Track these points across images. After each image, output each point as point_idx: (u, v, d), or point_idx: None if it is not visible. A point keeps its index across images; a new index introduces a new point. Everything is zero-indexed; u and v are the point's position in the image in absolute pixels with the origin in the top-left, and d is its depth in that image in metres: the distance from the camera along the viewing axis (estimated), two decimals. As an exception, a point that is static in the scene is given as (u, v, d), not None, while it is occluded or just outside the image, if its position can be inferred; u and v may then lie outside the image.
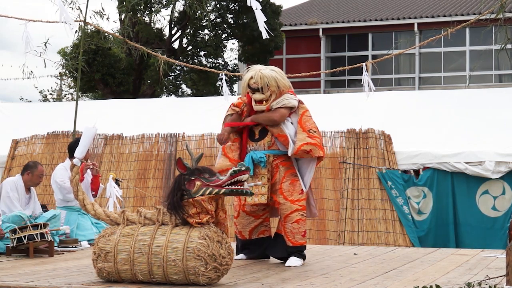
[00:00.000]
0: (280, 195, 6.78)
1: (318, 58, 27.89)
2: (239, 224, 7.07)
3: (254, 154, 6.79)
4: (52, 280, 5.76)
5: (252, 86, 6.80)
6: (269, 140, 6.85)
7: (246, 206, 6.94)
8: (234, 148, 6.93)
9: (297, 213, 6.76)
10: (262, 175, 6.75)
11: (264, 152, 6.82)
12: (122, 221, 5.72)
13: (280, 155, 6.86)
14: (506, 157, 10.16)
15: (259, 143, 6.86)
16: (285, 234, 6.80)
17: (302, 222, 6.79)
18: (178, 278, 5.44)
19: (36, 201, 8.59)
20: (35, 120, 12.86)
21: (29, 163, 8.62)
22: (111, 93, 22.62)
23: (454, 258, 7.29)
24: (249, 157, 6.78)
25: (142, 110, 13.11)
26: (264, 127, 6.86)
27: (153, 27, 23.54)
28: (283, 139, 6.78)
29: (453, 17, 25.04)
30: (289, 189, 6.79)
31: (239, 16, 23.78)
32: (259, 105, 6.83)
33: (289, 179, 6.81)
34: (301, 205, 6.79)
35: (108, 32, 13.81)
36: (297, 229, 6.77)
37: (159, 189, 11.34)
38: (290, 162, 6.88)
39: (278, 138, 6.82)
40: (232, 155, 6.89)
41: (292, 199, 6.77)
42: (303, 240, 6.84)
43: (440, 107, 11.69)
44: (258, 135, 6.87)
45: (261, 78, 6.76)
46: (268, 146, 6.85)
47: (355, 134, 10.98)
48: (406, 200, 10.50)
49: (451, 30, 9.52)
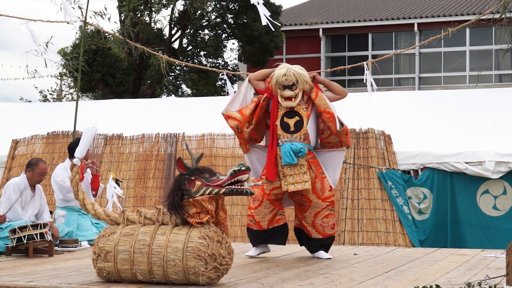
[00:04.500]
0: (313, 194, 7.15)
1: (318, 58, 27.90)
2: (259, 214, 7.25)
3: (294, 146, 7.06)
4: (52, 280, 5.76)
5: (284, 83, 7.08)
6: (304, 133, 7.13)
7: (272, 194, 7.19)
8: (250, 107, 7.17)
9: (327, 209, 7.21)
10: (301, 165, 7.07)
11: (302, 145, 7.10)
12: (122, 221, 5.72)
13: (310, 151, 7.21)
14: (506, 157, 10.16)
15: (295, 135, 7.13)
16: (314, 227, 7.21)
17: (331, 216, 7.25)
18: (178, 278, 5.44)
19: (43, 198, 8.52)
20: (35, 120, 12.86)
21: (31, 160, 8.55)
22: (111, 93, 22.61)
23: (454, 258, 7.29)
24: (289, 148, 7.04)
25: (142, 110, 13.10)
26: (300, 120, 7.10)
27: (153, 27, 23.53)
28: (329, 116, 7.09)
29: (453, 17, 25.04)
30: (320, 188, 7.18)
31: (239, 16, 23.77)
32: (288, 101, 7.08)
33: (320, 179, 7.19)
34: (330, 201, 7.23)
35: (108, 32, 13.80)
36: (327, 222, 7.23)
37: (159, 189, 11.34)
38: (317, 160, 7.26)
39: (324, 114, 7.10)
40: (246, 111, 7.16)
41: (324, 197, 7.18)
42: (333, 231, 7.32)
43: (440, 107, 11.69)
44: (294, 128, 7.13)
45: (294, 75, 7.09)
46: (304, 139, 7.15)
47: (355, 134, 10.98)
48: (406, 200, 10.50)
49: (452, 30, 9.51)
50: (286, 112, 7.14)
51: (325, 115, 7.11)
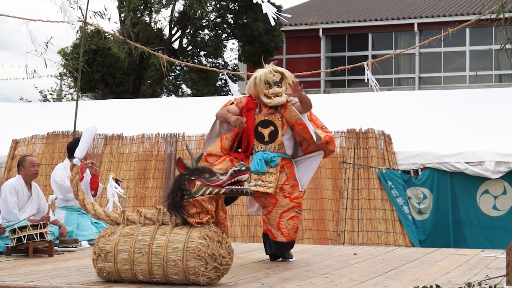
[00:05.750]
0: (280, 194, 6.98)
1: (318, 58, 27.90)
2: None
3: (266, 155, 6.96)
4: (52, 280, 5.76)
5: (272, 79, 6.98)
6: (279, 143, 7.03)
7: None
8: (229, 138, 7.11)
9: (293, 210, 6.98)
10: (270, 173, 6.95)
11: (275, 154, 7.00)
12: (122, 221, 5.72)
13: (286, 158, 7.08)
14: (506, 157, 10.16)
15: (269, 146, 7.04)
16: (279, 229, 6.97)
17: (296, 219, 7.02)
18: (178, 278, 5.44)
19: (40, 197, 8.53)
20: (35, 120, 12.85)
21: (19, 159, 8.61)
22: (111, 93, 22.61)
23: (454, 258, 7.29)
24: (261, 157, 6.94)
25: (142, 110, 13.09)
26: (274, 130, 7.01)
27: (153, 27, 23.54)
28: (302, 127, 6.95)
29: (453, 17, 25.04)
30: (289, 190, 7.02)
31: (239, 16, 23.78)
32: (278, 98, 6.97)
33: (291, 183, 7.03)
34: (298, 202, 7.02)
35: (108, 32, 13.80)
36: (292, 225, 6.98)
37: (159, 189, 11.34)
38: (293, 166, 7.11)
39: (296, 126, 6.98)
40: (225, 143, 7.09)
41: (292, 197, 6.99)
42: (295, 236, 7.10)
43: (440, 107, 11.69)
44: (268, 138, 7.03)
45: (279, 71, 7.02)
46: (278, 149, 7.04)
47: (355, 134, 10.98)
48: (406, 200, 10.50)
49: (452, 30, 9.51)
50: (260, 122, 7.03)
51: (297, 127, 7.00)
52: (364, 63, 9.73)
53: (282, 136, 7.03)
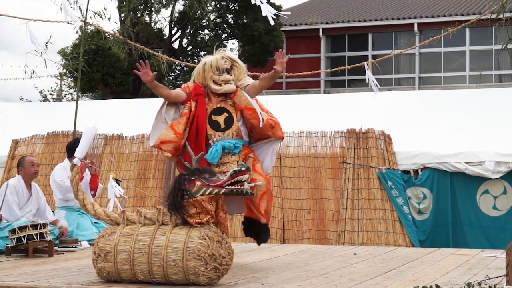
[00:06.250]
0: (255, 173, 6.65)
1: (318, 58, 27.90)
2: None
3: (226, 143, 6.68)
4: (52, 280, 5.76)
5: (223, 66, 6.78)
6: (236, 129, 6.76)
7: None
8: (182, 122, 6.75)
9: (269, 193, 6.81)
10: (232, 162, 6.65)
11: (236, 141, 6.73)
12: (122, 221, 5.72)
13: (245, 146, 6.83)
14: (506, 157, 10.16)
15: (227, 133, 6.75)
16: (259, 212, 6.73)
17: (271, 202, 6.86)
18: (178, 278, 5.44)
19: (40, 197, 8.53)
20: (35, 120, 12.85)
21: (19, 160, 8.62)
22: (111, 93, 22.61)
23: (454, 258, 7.29)
24: (220, 147, 6.65)
25: (142, 110, 13.07)
26: (229, 116, 6.77)
27: (153, 27, 23.53)
28: (251, 111, 6.75)
29: (453, 17, 25.04)
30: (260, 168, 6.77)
31: (239, 16, 23.77)
32: (229, 85, 6.76)
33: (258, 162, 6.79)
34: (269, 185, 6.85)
35: (108, 32, 13.80)
36: (270, 209, 6.82)
37: (159, 189, 11.34)
38: (253, 151, 6.87)
39: (245, 111, 6.76)
40: (179, 128, 6.71)
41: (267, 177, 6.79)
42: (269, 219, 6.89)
43: (440, 107, 11.69)
44: (224, 125, 6.76)
45: (230, 58, 6.85)
46: (236, 135, 6.77)
47: (355, 134, 10.98)
48: (406, 200, 10.50)
49: (452, 30, 9.51)
50: (213, 110, 6.78)
51: (246, 112, 6.77)
52: (364, 63, 9.72)
53: (237, 121, 6.78)
